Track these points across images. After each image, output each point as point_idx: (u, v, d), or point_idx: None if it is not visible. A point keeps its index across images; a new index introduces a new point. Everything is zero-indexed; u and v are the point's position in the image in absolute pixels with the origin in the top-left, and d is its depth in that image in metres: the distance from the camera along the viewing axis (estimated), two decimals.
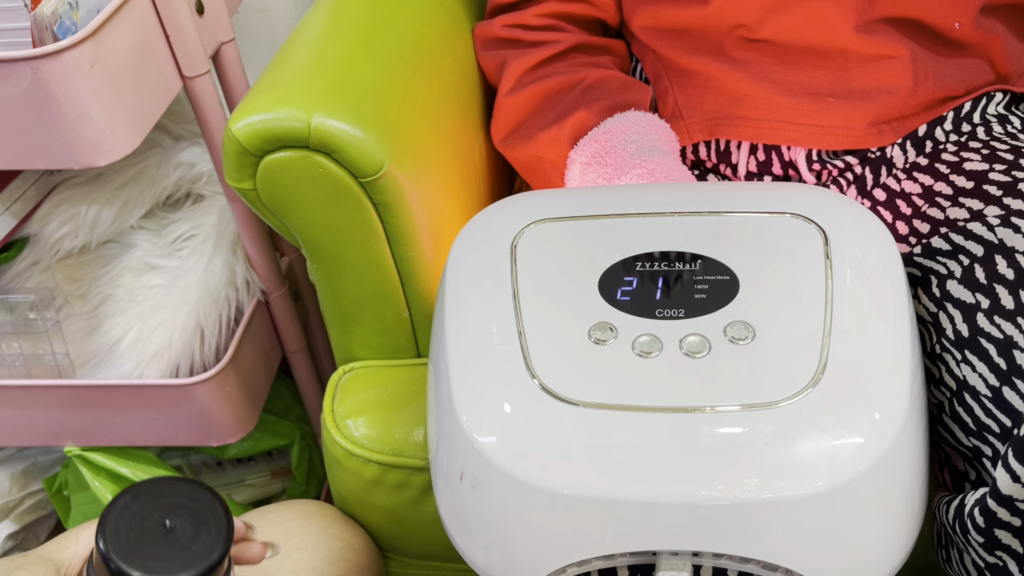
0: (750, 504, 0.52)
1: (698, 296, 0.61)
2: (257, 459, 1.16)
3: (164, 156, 0.96)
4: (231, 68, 0.90)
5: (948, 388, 0.64)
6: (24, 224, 0.94)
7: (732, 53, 0.83)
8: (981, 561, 0.60)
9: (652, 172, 0.77)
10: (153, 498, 0.51)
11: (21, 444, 1.00)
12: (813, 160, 0.83)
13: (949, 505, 0.62)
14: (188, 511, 0.51)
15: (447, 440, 0.60)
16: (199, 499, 0.51)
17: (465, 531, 0.61)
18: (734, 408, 0.54)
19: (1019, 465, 0.54)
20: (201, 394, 0.92)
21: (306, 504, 0.81)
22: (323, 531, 0.78)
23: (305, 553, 0.75)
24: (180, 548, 0.49)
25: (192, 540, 0.50)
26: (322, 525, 0.78)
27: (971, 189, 0.71)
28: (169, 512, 0.51)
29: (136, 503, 0.50)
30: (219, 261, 0.94)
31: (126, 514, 0.50)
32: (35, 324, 0.93)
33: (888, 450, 0.54)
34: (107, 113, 0.72)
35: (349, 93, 0.73)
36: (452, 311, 0.63)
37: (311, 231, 0.76)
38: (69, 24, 0.70)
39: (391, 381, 0.82)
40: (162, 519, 0.50)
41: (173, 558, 0.49)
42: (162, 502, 0.51)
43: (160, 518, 0.50)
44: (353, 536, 0.80)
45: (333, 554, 0.76)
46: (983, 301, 0.62)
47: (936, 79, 0.79)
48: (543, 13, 0.90)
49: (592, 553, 0.55)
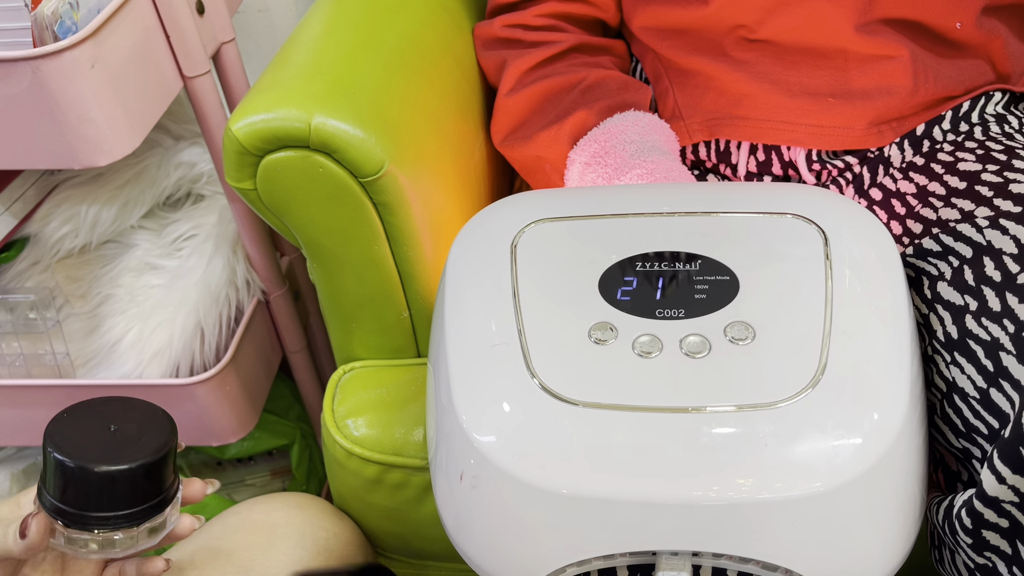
0: (750, 504, 0.52)
1: (698, 296, 0.61)
2: (257, 459, 1.17)
3: (164, 156, 0.96)
4: (231, 68, 0.90)
5: (939, 390, 0.64)
6: (24, 224, 0.94)
7: (732, 53, 0.83)
8: (971, 562, 0.60)
9: (652, 172, 0.77)
10: (93, 413, 0.52)
11: (21, 444, 1.00)
12: (813, 160, 0.83)
13: (939, 506, 0.62)
14: (129, 418, 0.52)
15: (447, 440, 0.60)
16: (141, 409, 0.52)
17: (465, 531, 0.61)
18: (734, 408, 0.54)
19: (1004, 467, 0.54)
20: (201, 394, 0.92)
21: (295, 496, 0.82)
22: (310, 521, 0.78)
23: (291, 543, 0.75)
24: (127, 444, 0.51)
25: (139, 437, 0.51)
26: (309, 516, 0.78)
27: (963, 190, 0.71)
28: (111, 421, 0.52)
29: (75, 419, 0.52)
30: (219, 261, 0.94)
31: (68, 428, 0.51)
32: (35, 324, 0.93)
33: (887, 451, 0.54)
34: (107, 113, 0.72)
35: (349, 93, 0.74)
36: (452, 311, 0.63)
37: (311, 231, 0.76)
38: (69, 24, 0.70)
39: (391, 381, 0.82)
40: (106, 426, 0.51)
41: (123, 451, 0.50)
42: (101, 415, 0.52)
43: (103, 426, 0.51)
44: (341, 528, 0.80)
45: (319, 544, 0.77)
46: (971, 303, 0.62)
47: (936, 79, 0.79)
48: (543, 13, 0.90)
49: (592, 553, 0.55)
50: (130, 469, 0.50)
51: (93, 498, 0.51)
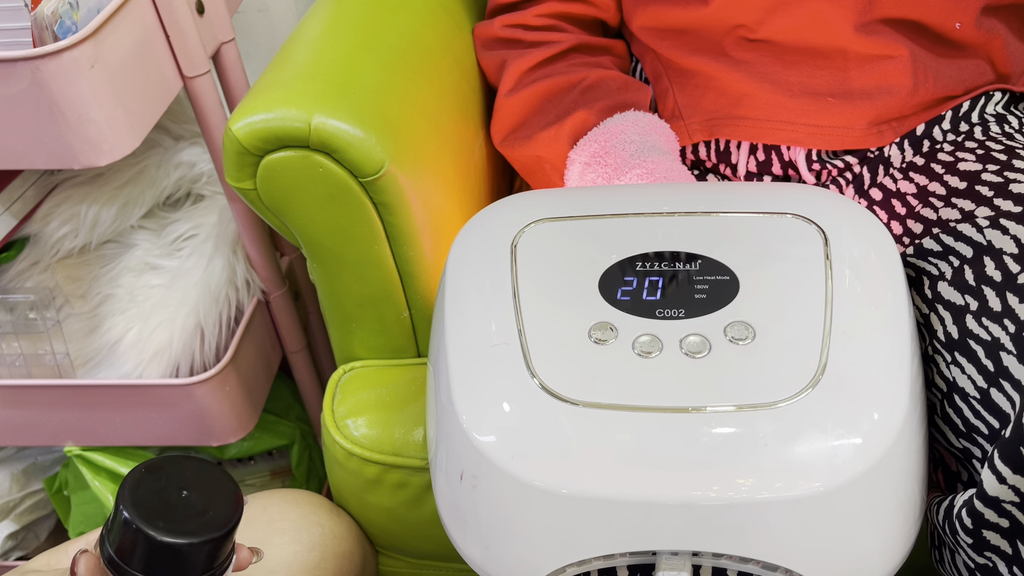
0: (749, 504, 0.52)
1: (698, 296, 0.61)
2: (257, 459, 1.16)
3: (164, 156, 0.96)
4: (231, 68, 0.90)
5: (939, 390, 0.64)
6: (24, 224, 0.94)
7: (732, 53, 0.83)
8: (971, 562, 0.60)
9: (651, 172, 0.77)
10: (168, 472, 0.52)
11: (21, 444, 1.00)
12: (813, 160, 0.83)
13: (940, 506, 0.62)
14: (200, 485, 0.52)
15: (447, 439, 0.60)
16: (210, 473, 0.53)
17: (464, 531, 0.61)
18: (734, 408, 0.54)
19: (1005, 467, 0.54)
20: (201, 394, 0.92)
21: (291, 492, 0.82)
22: (305, 517, 0.78)
23: (287, 538, 0.75)
24: (195, 515, 0.51)
25: (206, 509, 0.51)
26: (305, 511, 0.79)
27: (964, 190, 0.71)
28: (184, 485, 0.52)
29: (151, 476, 0.52)
30: (219, 261, 0.94)
31: (143, 485, 0.51)
32: (35, 324, 0.93)
33: (887, 451, 0.54)
34: (107, 113, 0.72)
35: (349, 93, 0.74)
36: (452, 311, 0.63)
37: (311, 231, 0.76)
38: (69, 24, 0.70)
39: (391, 381, 0.82)
40: (178, 490, 0.52)
41: (189, 523, 0.50)
42: (176, 477, 0.52)
43: (176, 490, 0.52)
44: (336, 523, 0.80)
45: (314, 539, 0.77)
46: (972, 303, 0.62)
47: (936, 79, 0.79)
48: (543, 13, 0.90)
49: (592, 553, 0.55)
50: (192, 544, 0.50)
51: (152, 564, 0.51)
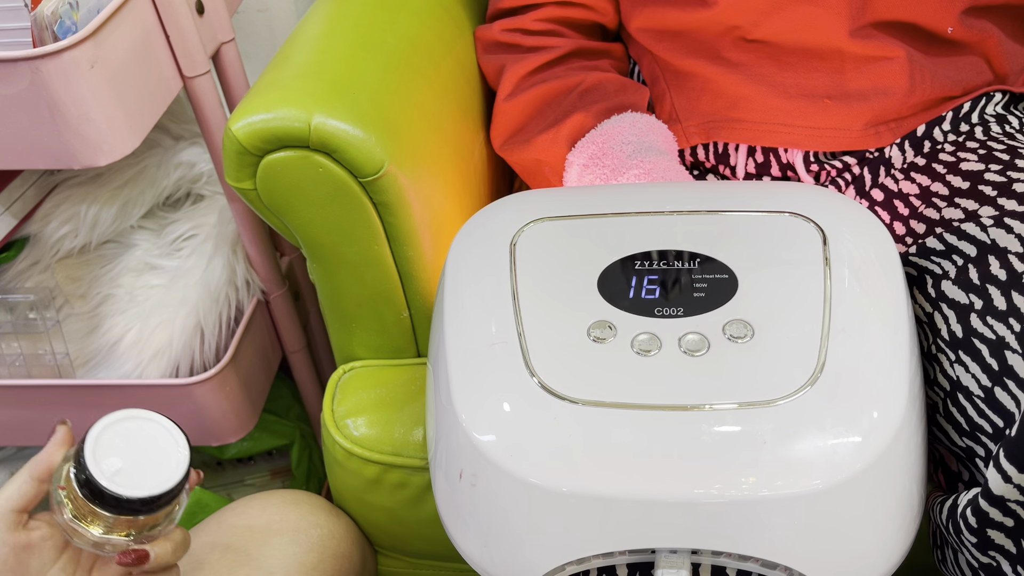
0: (749, 502, 0.52)
1: (697, 295, 0.61)
2: (257, 459, 1.17)
3: (164, 156, 0.96)
4: (231, 68, 0.90)
5: (942, 388, 0.64)
6: (24, 224, 0.94)
7: (728, 55, 0.83)
8: (975, 561, 0.60)
9: (649, 172, 0.77)
10: None
11: (21, 444, 1.00)
12: (811, 161, 0.83)
13: (943, 505, 0.62)
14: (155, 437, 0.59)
15: (446, 439, 0.60)
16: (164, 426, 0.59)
17: (464, 530, 0.61)
18: (733, 406, 0.55)
19: (1010, 466, 0.54)
20: (201, 394, 0.92)
21: (290, 493, 0.82)
22: (304, 518, 0.78)
23: (285, 539, 0.75)
24: None
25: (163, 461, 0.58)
26: (304, 512, 0.79)
27: (967, 189, 0.71)
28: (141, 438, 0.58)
29: None
30: (219, 261, 0.95)
31: None
32: (35, 324, 0.93)
33: (886, 449, 0.54)
34: (107, 113, 0.72)
35: (349, 93, 0.74)
36: (451, 310, 0.63)
37: (311, 231, 0.76)
38: (69, 24, 0.71)
39: (391, 381, 0.82)
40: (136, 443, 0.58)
41: None
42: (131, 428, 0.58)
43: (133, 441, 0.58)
44: (335, 524, 0.80)
45: (313, 541, 0.77)
46: (976, 302, 0.62)
47: (933, 80, 0.79)
48: (542, 18, 0.90)
49: (591, 551, 0.55)
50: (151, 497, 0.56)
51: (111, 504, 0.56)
